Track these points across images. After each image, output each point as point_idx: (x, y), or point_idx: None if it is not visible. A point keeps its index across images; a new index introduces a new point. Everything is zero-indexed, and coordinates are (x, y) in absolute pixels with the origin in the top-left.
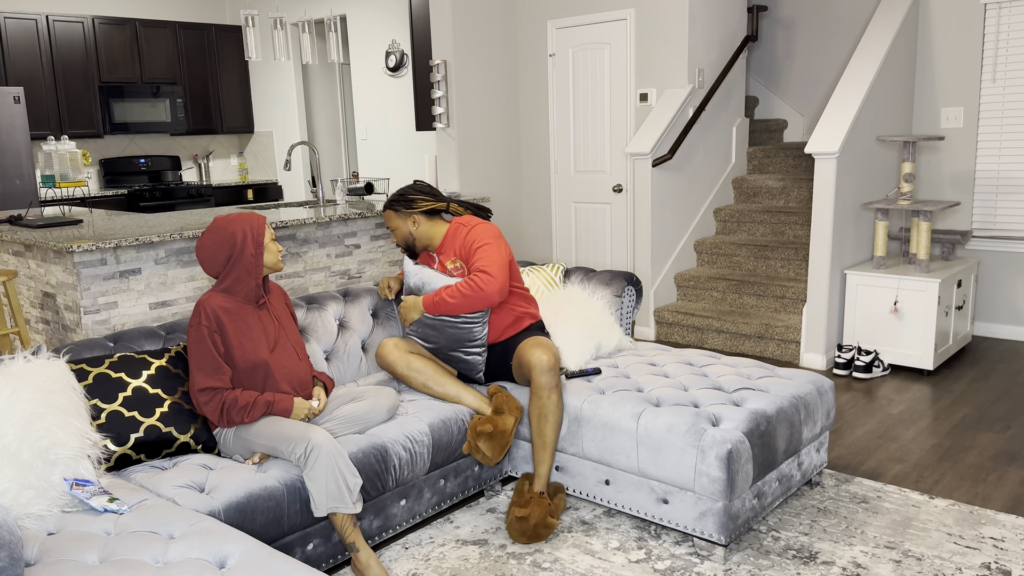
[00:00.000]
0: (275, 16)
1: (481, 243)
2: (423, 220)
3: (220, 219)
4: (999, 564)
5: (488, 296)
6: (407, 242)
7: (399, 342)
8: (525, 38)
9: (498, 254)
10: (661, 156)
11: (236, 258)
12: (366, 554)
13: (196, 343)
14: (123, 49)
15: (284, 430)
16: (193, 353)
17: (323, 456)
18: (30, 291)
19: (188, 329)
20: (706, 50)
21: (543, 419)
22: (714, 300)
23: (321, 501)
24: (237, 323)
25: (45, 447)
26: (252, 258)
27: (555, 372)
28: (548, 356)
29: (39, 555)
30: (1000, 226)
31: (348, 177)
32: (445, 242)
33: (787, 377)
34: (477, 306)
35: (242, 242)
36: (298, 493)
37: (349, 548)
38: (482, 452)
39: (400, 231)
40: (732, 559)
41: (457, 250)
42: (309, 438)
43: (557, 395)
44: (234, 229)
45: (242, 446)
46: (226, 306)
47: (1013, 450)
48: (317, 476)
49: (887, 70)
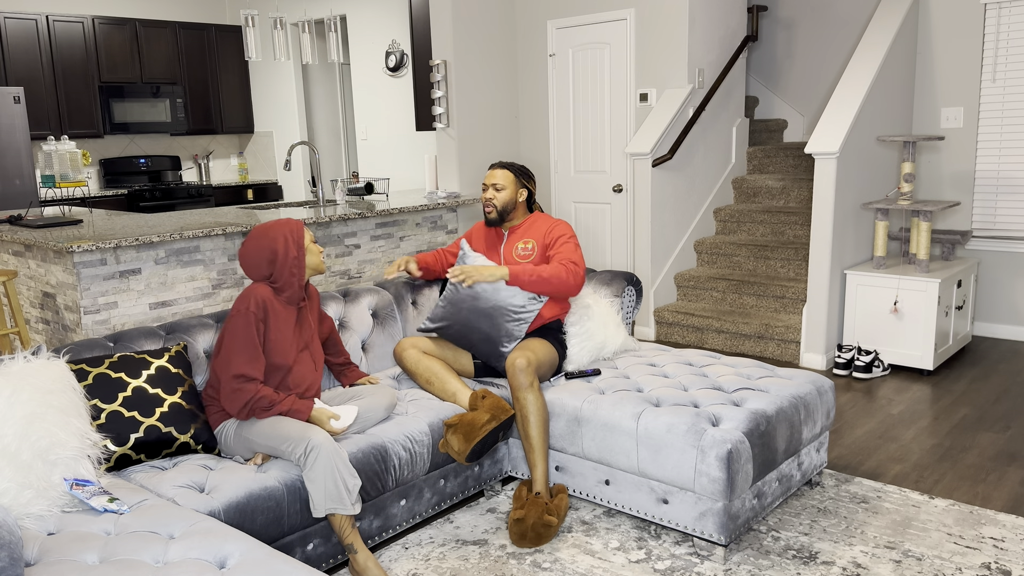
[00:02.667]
0: (275, 16)
1: (568, 237)
2: (525, 197)
3: (258, 227)
4: (999, 564)
5: (572, 286)
6: (506, 207)
7: (416, 341)
8: (525, 38)
9: (580, 255)
10: (661, 156)
11: (280, 263)
12: (364, 555)
13: (242, 327)
14: (123, 49)
15: (285, 430)
16: (236, 336)
17: (322, 456)
18: (30, 291)
19: (233, 313)
20: (706, 50)
21: (524, 420)
22: (714, 300)
23: (320, 501)
24: (278, 320)
25: (45, 447)
26: (295, 260)
27: (528, 372)
28: (522, 358)
29: (39, 555)
30: (1000, 226)
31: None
32: (523, 226)
33: (787, 377)
34: (559, 289)
35: (284, 247)
36: (298, 493)
37: (347, 549)
38: (450, 446)
39: (508, 193)
40: (732, 559)
41: (536, 235)
42: (309, 438)
43: (533, 395)
44: (274, 235)
45: (243, 446)
46: (272, 300)
47: (1013, 450)
48: (316, 476)
49: (887, 70)
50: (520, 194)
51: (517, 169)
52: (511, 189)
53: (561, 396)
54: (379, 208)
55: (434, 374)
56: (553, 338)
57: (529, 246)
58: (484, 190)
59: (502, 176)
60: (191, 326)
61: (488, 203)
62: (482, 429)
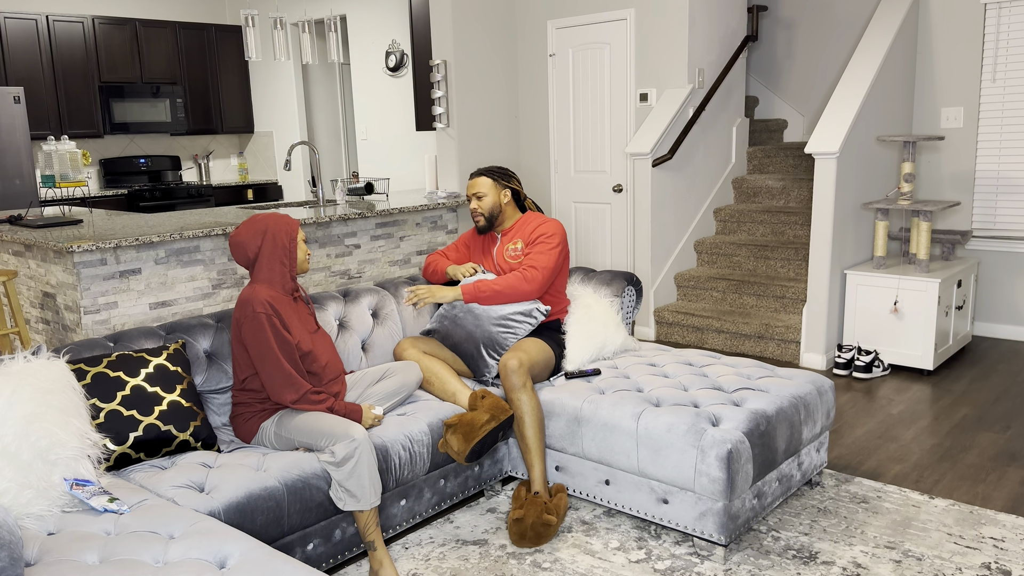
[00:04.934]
0: (275, 16)
1: (546, 238)
2: (509, 198)
3: (255, 215)
4: (999, 564)
5: (527, 292)
6: (492, 213)
7: (416, 341)
8: (525, 38)
9: (552, 258)
10: (661, 156)
11: (269, 245)
12: (382, 553)
13: (269, 332)
14: (123, 49)
15: (326, 425)
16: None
17: (365, 452)
18: (30, 291)
19: (246, 322)
20: (706, 50)
21: (519, 421)
22: (714, 300)
23: (362, 495)
24: (285, 310)
25: (45, 447)
26: (284, 249)
27: (520, 373)
28: (514, 359)
29: (39, 555)
30: (1000, 226)
31: (348, 177)
32: (514, 227)
33: (787, 377)
34: (515, 299)
35: (275, 232)
36: (298, 493)
37: (368, 546)
38: (450, 446)
39: (490, 199)
40: (732, 559)
41: (524, 235)
42: (352, 435)
43: (526, 395)
44: (268, 221)
45: (284, 444)
46: (272, 294)
47: (1013, 450)
48: (361, 472)
49: (887, 70)
50: (503, 196)
51: (495, 172)
52: (493, 194)
53: (561, 396)
54: (379, 208)
55: (434, 374)
56: (549, 338)
57: (518, 247)
58: (469, 201)
59: (482, 184)
60: (191, 326)
61: (475, 213)
62: (481, 429)
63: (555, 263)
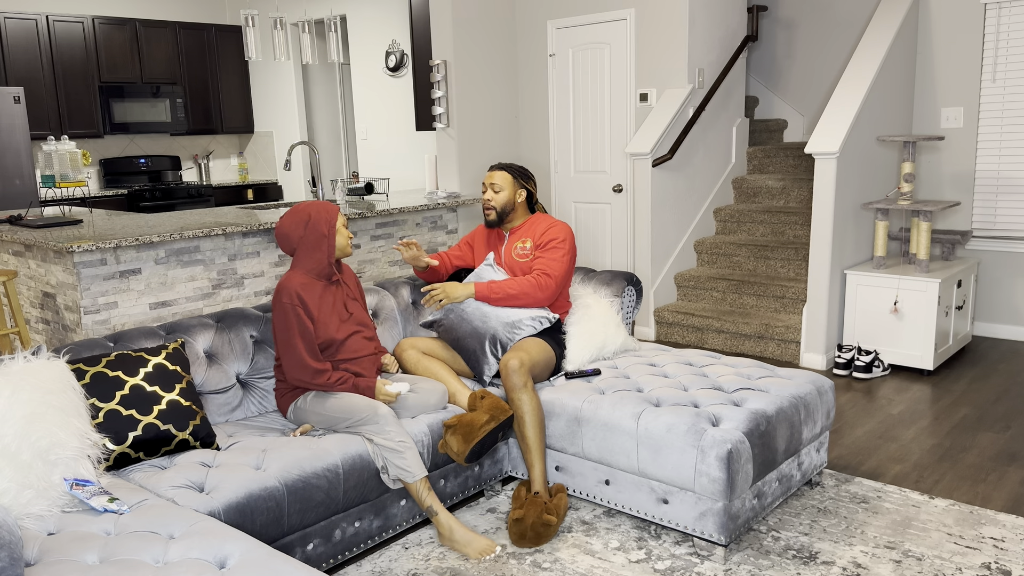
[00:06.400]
0: (275, 16)
1: (559, 242)
2: (524, 198)
3: (299, 204)
4: (999, 564)
5: (540, 300)
6: (505, 208)
7: (416, 341)
8: (525, 38)
9: (564, 264)
10: (661, 156)
11: (309, 233)
12: (445, 516)
13: (293, 321)
14: (123, 49)
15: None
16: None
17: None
18: (30, 291)
19: (274, 310)
20: (706, 50)
21: (520, 421)
22: (714, 300)
23: (415, 468)
24: (315, 298)
25: (45, 447)
26: (324, 236)
27: (521, 373)
28: (515, 359)
29: (39, 555)
30: (1000, 226)
31: (348, 177)
32: (523, 227)
33: (787, 377)
34: (527, 304)
35: (316, 219)
36: (298, 493)
37: (428, 512)
38: (449, 446)
39: (506, 194)
40: (732, 559)
41: (533, 235)
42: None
43: (527, 395)
44: (311, 210)
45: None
46: (304, 282)
47: (1013, 450)
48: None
49: (887, 70)
50: (519, 195)
51: (515, 170)
52: (509, 190)
53: (561, 396)
54: (379, 208)
55: (434, 374)
56: (550, 338)
57: (527, 246)
58: (483, 191)
59: (500, 177)
60: (191, 326)
61: (487, 204)
62: (481, 430)
63: (567, 271)
